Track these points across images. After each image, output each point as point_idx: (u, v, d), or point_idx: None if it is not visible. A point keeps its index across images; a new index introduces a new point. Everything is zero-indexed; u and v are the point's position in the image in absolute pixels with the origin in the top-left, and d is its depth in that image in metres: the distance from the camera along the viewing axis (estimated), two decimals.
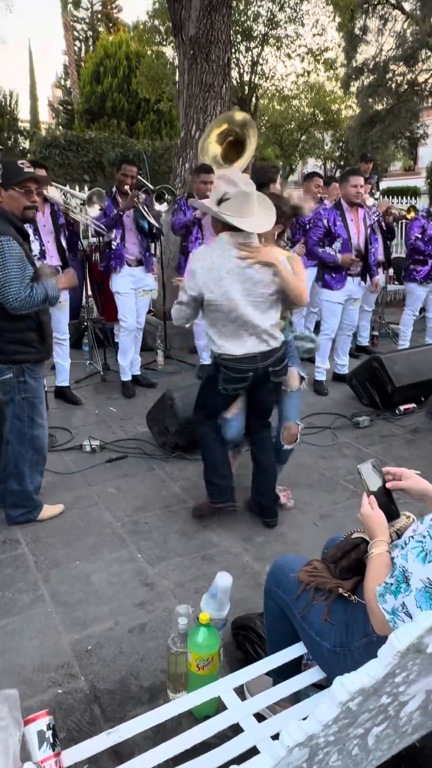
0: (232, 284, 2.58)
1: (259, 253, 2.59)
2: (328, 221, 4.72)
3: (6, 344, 2.75)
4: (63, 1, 25.20)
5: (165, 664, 2.08)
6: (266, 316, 2.69)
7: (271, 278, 2.63)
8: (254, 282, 2.61)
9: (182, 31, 5.94)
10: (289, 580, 1.67)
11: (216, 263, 2.59)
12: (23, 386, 2.83)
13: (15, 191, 2.67)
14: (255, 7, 13.85)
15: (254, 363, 2.72)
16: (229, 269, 2.58)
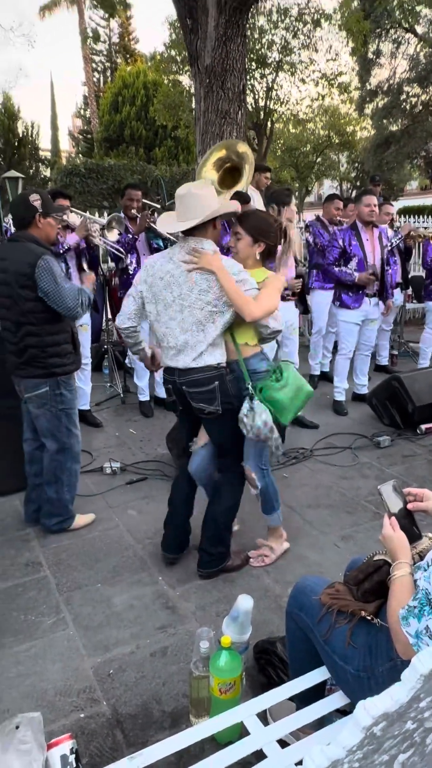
0: (166, 287, 2.48)
1: (202, 260, 2.42)
2: (344, 241, 4.75)
3: (47, 358, 2.87)
4: (83, 34, 25.98)
5: (187, 688, 2.06)
6: (193, 329, 2.47)
7: (211, 285, 2.43)
8: (191, 286, 2.44)
9: (198, 60, 6.07)
10: (311, 602, 1.66)
11: (158, 264, 2.53)
12: (60, 398, 2.95)
13: (53, 219, 2.92)
14: (269, 35, 14.12)
15: (172, 376, 2.59)
16: (168, 270, 2.48)
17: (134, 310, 2.62)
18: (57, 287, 2.75)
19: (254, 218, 2.68)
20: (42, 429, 3.00)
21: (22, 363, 2.87)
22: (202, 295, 2.45)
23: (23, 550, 3.02)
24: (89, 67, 26.47)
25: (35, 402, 2.93)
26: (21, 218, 2.88)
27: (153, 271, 2.52)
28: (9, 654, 2.30)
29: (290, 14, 13.63)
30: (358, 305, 4.82)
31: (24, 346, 2.84)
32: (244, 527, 3.15)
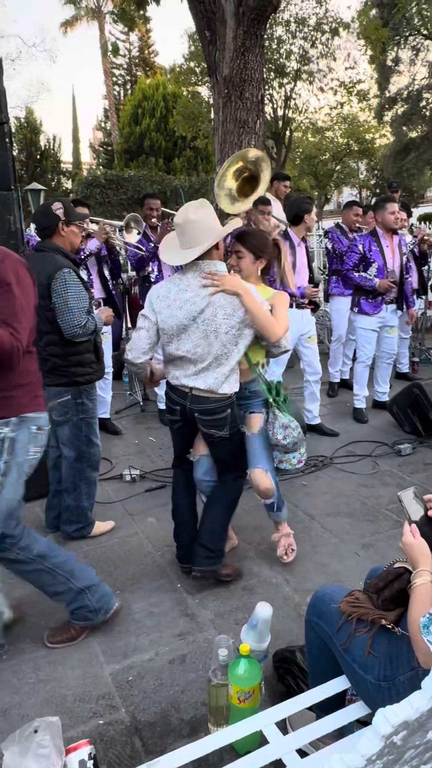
0: (186, 316, 2.41)
1: (224, 282, 2.40)
2: (364, 247, 4.74)
3: (69, 368, 2.90)
4: (103, 48, 26.41)
5: (206, 696, 2.05)
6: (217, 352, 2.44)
7: (235, 308, 2.42)
8: (214, 311, 2.40)
9: (216, 71, 6.13)
10: (331, 611, 1.64)
11: (172, 294, 2.45)
12: (81, 407, 2.97)
13: (75, 227, 2.96)
14: (287, 45, 14.20)
15: (184, 399, 2.54)
16: (187, 299, 2.41)
17: (149, 344, 2.55)
18: (65, 304, 2.76)
19: (253, 236, 2.71)
20: (62, 437, 3.03)
21: (46, 371, 2.89)
22: (226, 318, 2.41)
23: None
24: (110, 81, 26.88)
25: (57, 410, 2.96)
26: (44, 227, 2.92)
27: (168, 302, 2.45)
28: (28, 659, 2.31)
29: (308, 24, 13.69)
30: (377, 311, 4.79)
31: (47, 355, 2.88)
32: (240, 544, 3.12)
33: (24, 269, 2.05)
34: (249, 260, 2.67)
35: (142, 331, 2.53)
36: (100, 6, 25.05)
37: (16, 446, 2.10)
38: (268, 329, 2.46)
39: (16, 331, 1.91)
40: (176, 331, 2.46)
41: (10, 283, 1.93)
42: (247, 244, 2.67)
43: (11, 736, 1.41)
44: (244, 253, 2.67)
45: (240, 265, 2.67)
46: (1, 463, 2.08)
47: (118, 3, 15.05)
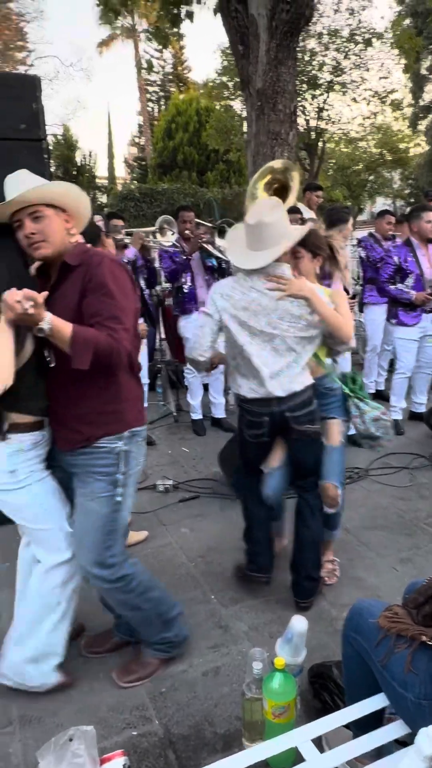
0: (252, 316, 2.39)
1: (291, 286, 2.37)
2: (399, 258, 4.67)
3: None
4: (138, 66, 26.95)
5: (239, 710, 2.02)
6: (286, 356, 2.43)
7: (302, 311, 2.40)
8: (281, 314, 2.38)
9: (250, 84, 6.18)
10: (369, 626, 1.60)
11: (237, 294, 2.41)
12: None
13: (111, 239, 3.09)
14: (320, 57, 14.22)
15: (269, 407, 2.47)
16: (253, 299, 2.39)
17: (211, 341, 2.50)
18: None
19: (307, 234, 2.65)
20: None
21: None
22: (293, 321, 2.39)
23: None
24: (144, 97, 27.39)
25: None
26: (92, 238, 2.97)
27: (234, 302, 2.41)
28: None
29: (341, 35, 13.70)
30: (416, 321, 4.70)
31: None
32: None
33: (122, 271, 2.02)
34: (307, 259, 2.61)
35: (204, 328, 2.49)
36: (134, 25, 25.59)
37: (130, 459, 2.08)
38: (340, 330, 2.45)
39: (115, 331, 1.84)
40: (240, 331, 2.42)
41: (107, 284, 1.89)
42: (305, 243, 2.58)
43: (46, 745, 1.41)
44: (302, 252, 2.59)
45: (299, 266, 2.60)
46: (120, 476, 2.04)
47: (153, 21, 15.34)
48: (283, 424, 2.50)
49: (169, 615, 2.28)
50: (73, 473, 2.09)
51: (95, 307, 1.86)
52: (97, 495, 2.02)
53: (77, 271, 1.91)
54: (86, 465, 2.03)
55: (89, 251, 2.00)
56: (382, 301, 5.22)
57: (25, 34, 21.38)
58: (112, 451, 2.02)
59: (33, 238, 1.88)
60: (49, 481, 2.07)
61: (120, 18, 18.67)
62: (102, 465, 2.02)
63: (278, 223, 2.37)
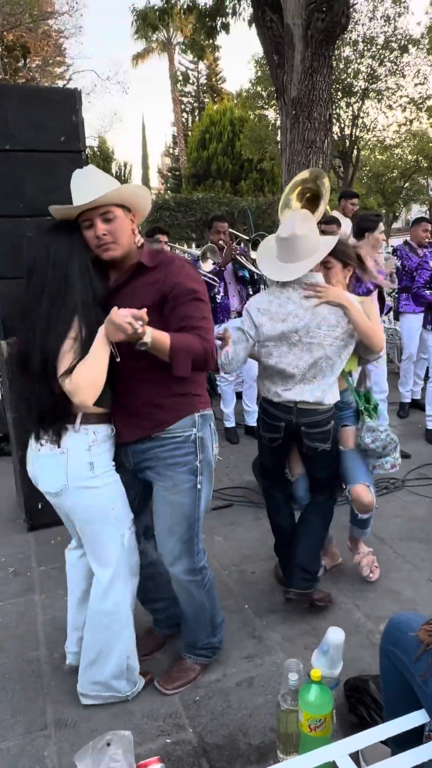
0: (290, 329, 2.41)
1: (328, 293, 2.42)
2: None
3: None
4: (172, 78, 27.31)
5: (274, 721, 2.00)
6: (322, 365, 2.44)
7: (339, 319, 2.43)
8: (318, 323, 2.41)
9: (284, 93, 6.19)
10: (408, 639, 1.57)
11: (274, 307, 2.44)
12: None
13: None
14: (355, 64, 14.17)
15: (288, 415, 2.50)
16: (290, 311, 2.42)
17: (245, 357, 2.54)
18: None
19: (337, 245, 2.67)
20: None
21: None
22: (330, 330, 2.41)
23: None
24: (178, 108, 27.73)
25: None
26: None
27: (270, 315, 2.44)
28: None
29: (376, 43, 13.63)
30: None
31: None
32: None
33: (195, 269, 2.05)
34: (338, 269, 2.62)
35: (239, 345, 2.49)
36: (170, 38, 25.97)
37: (206, 444, 2.08)
38: (373, 339, 2.47)
39: (205, 332, 1.89)
40: (279, 344, 2.46)
41: (196, 289, 1.92)
42: (334, 253, 2.59)
43: (84, 748, 1.42)
44: (333, 262, 2.60)
45: (329, 276, 2.61)
46: (197, 463, 2.04)
47: (188, 34, 15.54)
48: (297, 436, 2.55)
49: (218, 619, 2.31)
50: (146, 469, 2.07)
51: (186, 312, 1.89)
52: (180, 487, 2.03)
53: (152, 273, 1.92)
54: (165, 457, 2.02)
55: (163, 253, 2.02)
56: (419, 309, 5.16)
57: (64, 50, 21.88)
58: (188, 439, 2.02)
59: (104, 239, 1.85)
60: (120, 483, 2.05)
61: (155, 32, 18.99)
62: (181, 455, 2.02)
63: (310, 234, 2.41)
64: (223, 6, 7.67)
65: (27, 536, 3.49)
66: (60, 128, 3.30)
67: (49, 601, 2.84)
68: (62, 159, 3.32)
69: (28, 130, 3.22)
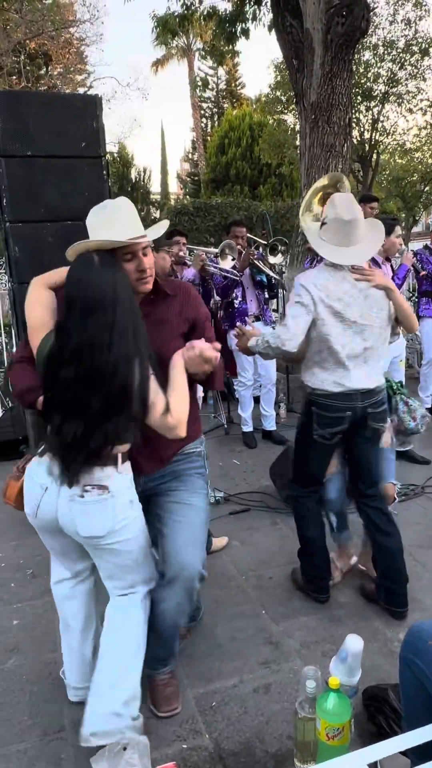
0: (346, 307, 2.42)
1: (375, 276, 2.47)
2: None
3: None
4: (192, 84, 27.47)
5: (291, 729, 1.99)
6: (375, 348, 2.50)
7: (385, 302, 2.49)
8: (370, 305, 2.45)
9: (304, 98, 6.19)
10: (429, 648, 1.54)
11: (331, 285, 2.43)
12: None
13: (164, 252, 3.09)
14: (375, 68, 14.11)
15: (353, 401, 2.48)
16: (346, 290, 2.43)
17: (305, 330, 2.47)
18: None
19: None
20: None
21: None
22: (380, 312, 2.48)
23: None
24: (197, 114, 27.86)
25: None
26: None
27: (328, 292, 2.43)
28: None
29: (396, 46, 13.56)
30: None
31: None
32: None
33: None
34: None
35: (300, 318, 2.44)
36: (189, 44, 26.14)
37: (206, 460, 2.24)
38: (410, 319, 2.58)
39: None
40: (335, 323, 2.44)
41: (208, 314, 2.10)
42: None
43: (101, 752, 1.42)
44: None
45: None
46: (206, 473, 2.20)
47: (208, 39, 15.63)
48: (362, 421, 2.54)
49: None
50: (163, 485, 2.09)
51: (208, 335, 2.00)
52: (197, 490, 2.11)
53: (173, 300, 2.00)
54: (182, 469, 2.12)
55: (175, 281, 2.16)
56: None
57: (85, 57, 22.14)
58: (200, 454, 2.18)
59: (147, 273, 1.85)
60: None
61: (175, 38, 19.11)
62: (195, 467, 2.15)
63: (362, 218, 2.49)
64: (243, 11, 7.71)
65: None
66: (81, 134, 3.33)
67: None
68: (82, 165, 3.35)
69: (49, 136, 3.26)
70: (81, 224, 3.32)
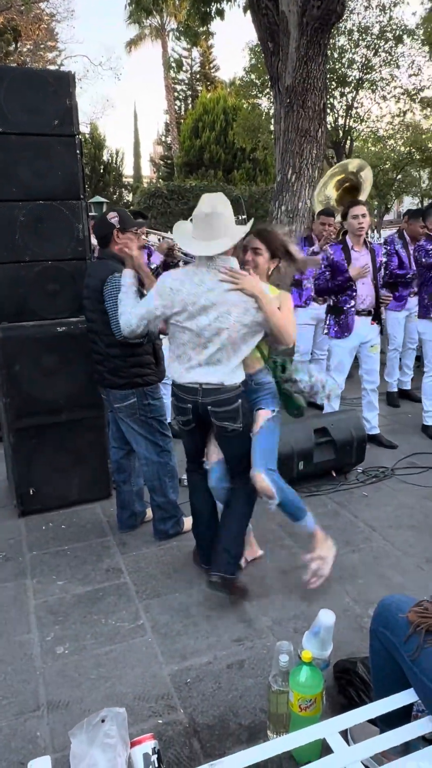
0: (201, 311, 2.42)
1: (243, 281, 2.42)
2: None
3: (128, 368, 2.96)
4: (166, 65, 27.05)
5: (264, 703, 2.04)
6: (228, 349, 2.46)
7: (249, 308, 2.43)
8: (229, 309, 2.41)
9: (279, 81, 6.15)
10: (398, 620, 1.60)
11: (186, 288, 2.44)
12: (148, 407, 3.04)
13: (131, 233, 3.00)
14: (349, 54, 14.10)
15: (194, 395, 2.53)
16: (201, 293, 2.42)
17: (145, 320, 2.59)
18: (115, 309, 2.81)
19: (274, 236, 2.69)
20: (137, 438, 3.08)
21: (108, 372, 2.98)
22: (240, 317, 2.42)
23: (104, 556, 3.10)
24: (171, 96, 27.49)
25: (125, 412, 3.03)
26: (102, 236, 3.01)
27: (182, 296, 2.45)
28: (90, 656, 2.36)
29: (371, 32, 13.56)
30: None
31: (109, 356, 2.96)
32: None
33: None
34: (265, 258, 2.65)
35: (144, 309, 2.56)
36: (163, 24, 25.70)
37: None
38: (283, 333, 2.49)
39: None
40: (186, 320, 2.46)
41: None
42: (267, 243, 2.64)
43: (79, 724, 1.43)
44: (263, 250, 2.64)
45: (256, 261, 2.64)
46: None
47: (182, 19, 15.38)
48: (205, 417, 2.56)
49: None
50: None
51: None
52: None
53: None
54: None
55: None
56: (399, 305, 5.25)
57: (55, 34, 21.58)
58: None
59: None
60: None
61: (149, 17, 18.77)
62: None
63: (230, 215, 2.47)
64: None
65: (18, 522, 3.49)
66: (54, 112, 3.26)
67: (41, 586, 2.84)
68: (56, 143, 3.29)
69: (21, 112, 3.19)
70: (54, 204, 3.32)
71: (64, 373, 3.40)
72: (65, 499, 3.62)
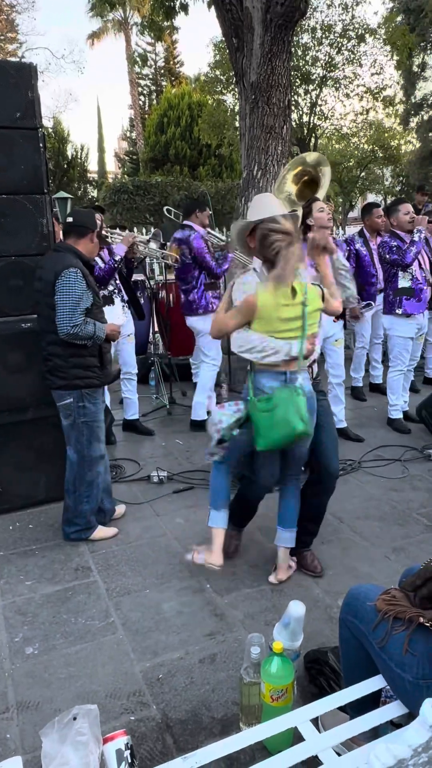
0: None
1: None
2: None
3: (69, 369, 2.90)
4: (129, 59, 26.77)
5: (236, 696, 2.05)
6: None
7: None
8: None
9: (244, 78, 6.16)
10: (366, 609, 1.63)
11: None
12: (82, 410, 2.98)
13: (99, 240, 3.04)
14: (313, 51, 14.21)
15: None
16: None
17: None
18: (61, 302, 2.77)
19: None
20: (66, 439, 3.06)
21: (47, 371, 2.94)
22: None
23: (73, 555, 3.07)
24: (135, 91, 27.23)
25: (62, 412, 3.01)
26: (82, 225, 2.95)
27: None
28: (60, 655, 2.33)
29: (334, 30, 13.69)
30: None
31: (48, 355, 2.92)
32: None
33: None
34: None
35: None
36: (126, 18, 25.42)
37: None
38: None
39: None
40: None
41: None
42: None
43: (50, 723, 1.42)
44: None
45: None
46: None
47: (146, 13, 15.25)
48: None
49: None
50: None
51: None
52: None
53: None
54: None
55: None
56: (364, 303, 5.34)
57: (16, 25, 21.15)
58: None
59: None
60: None
61: (112, 10, 18.52)
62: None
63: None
64: None
65: None
66: (15, 104, 3.20)
67: (9, 586, 2.80)
68: (18, 136, 3.23)
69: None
70: (17, 198, 3.26)
71: (29, 370, 3.34)
72: (32, 498, 3.56)
